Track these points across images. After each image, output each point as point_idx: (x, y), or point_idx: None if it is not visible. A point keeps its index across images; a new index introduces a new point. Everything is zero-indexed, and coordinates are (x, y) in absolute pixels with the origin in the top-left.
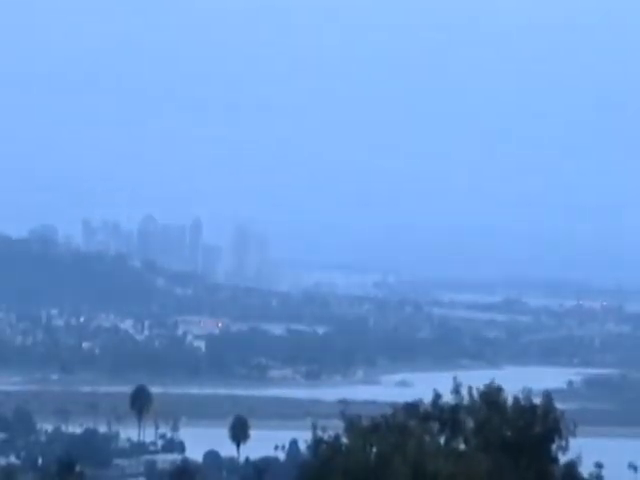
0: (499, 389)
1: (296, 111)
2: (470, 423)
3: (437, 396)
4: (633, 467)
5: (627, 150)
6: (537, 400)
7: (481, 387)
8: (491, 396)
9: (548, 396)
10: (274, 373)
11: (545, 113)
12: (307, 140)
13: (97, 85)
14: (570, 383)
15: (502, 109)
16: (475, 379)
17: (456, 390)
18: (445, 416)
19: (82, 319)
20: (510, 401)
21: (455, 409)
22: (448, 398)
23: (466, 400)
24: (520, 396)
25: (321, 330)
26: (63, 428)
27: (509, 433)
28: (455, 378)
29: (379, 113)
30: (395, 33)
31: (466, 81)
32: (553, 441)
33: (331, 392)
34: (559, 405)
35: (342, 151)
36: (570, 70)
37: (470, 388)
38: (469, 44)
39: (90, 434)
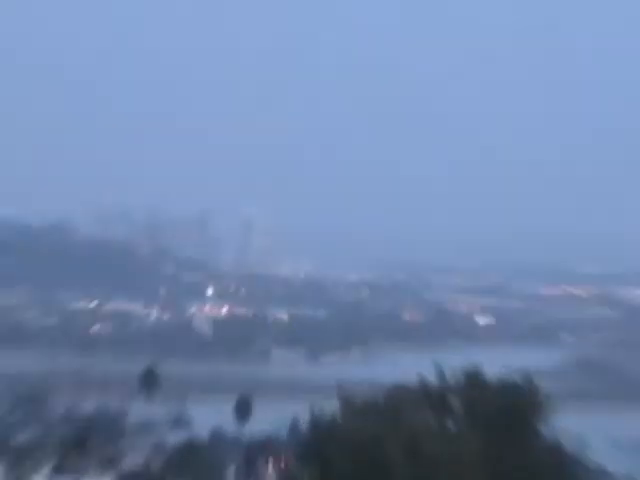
0: (479, 369)
1: (300, 110)
2: (457, 403)
3: (425, 378)
4: (616, 443)
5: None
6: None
7: (465, 368)
8: (475, 377)
9: (527, 375)
10: (276, 354)
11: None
12: (305, 136)
13: None
14: (558, 365)
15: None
16: (466, 360)
17: (441, 373)
18: (434, 397)
19: (94, 303)
20: (494, 381)
21: (442, 390)
22: (435, 380)
23: (452, 381)
24: (503, 376)
25: (321, 314)
26: (76, 406)
27: (494, 411)
28: (440, 360)
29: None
30: None
31: None
32: (537, 418)
33: (330, 372)
34: (549, 385)
35: (341, 147)
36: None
37: (455, 369)
38: None
39: (102, 412)
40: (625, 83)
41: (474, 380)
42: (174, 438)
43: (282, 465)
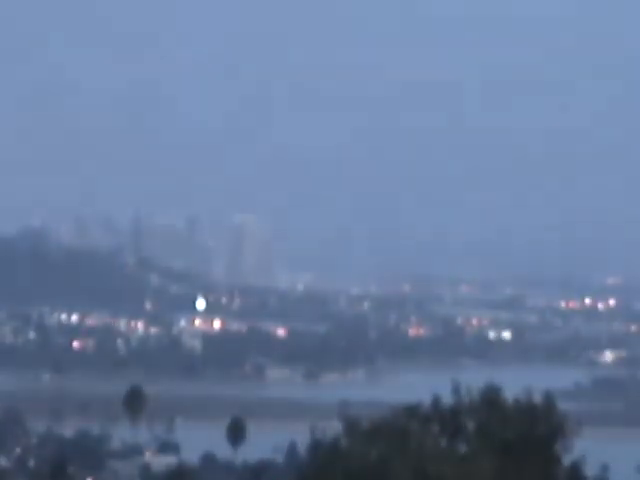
0: (499, 389)
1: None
2: (471, 424)
3: (437, 398)
4: None
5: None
6: (539, 400)
7: (481, 387)
8: (491, 396)
9: (549, 396)
10: (272, 373)
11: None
12: (304, 135)
13: None
14: (577, 383)
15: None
16: (478, 379)
17: (456, 391)
18: (446, 418)
19: (74, 317)
20: (511, 401)
21: (455, 410)
22: (448, 399)
23: (466, 401)
24: (522, 396)
25: (320, 329)
26: (55, 429)
27: (510, 434)
28: (455, 379)
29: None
30: None
31: None
32: (556, 442)
33: (331, 393)
34: (566, 405)
35: (342, 146)
36: None
37: (470, 388)
38: None
39: (82, 435)
40: None
41: (490, 400)
42: (161, 464)
43: None
